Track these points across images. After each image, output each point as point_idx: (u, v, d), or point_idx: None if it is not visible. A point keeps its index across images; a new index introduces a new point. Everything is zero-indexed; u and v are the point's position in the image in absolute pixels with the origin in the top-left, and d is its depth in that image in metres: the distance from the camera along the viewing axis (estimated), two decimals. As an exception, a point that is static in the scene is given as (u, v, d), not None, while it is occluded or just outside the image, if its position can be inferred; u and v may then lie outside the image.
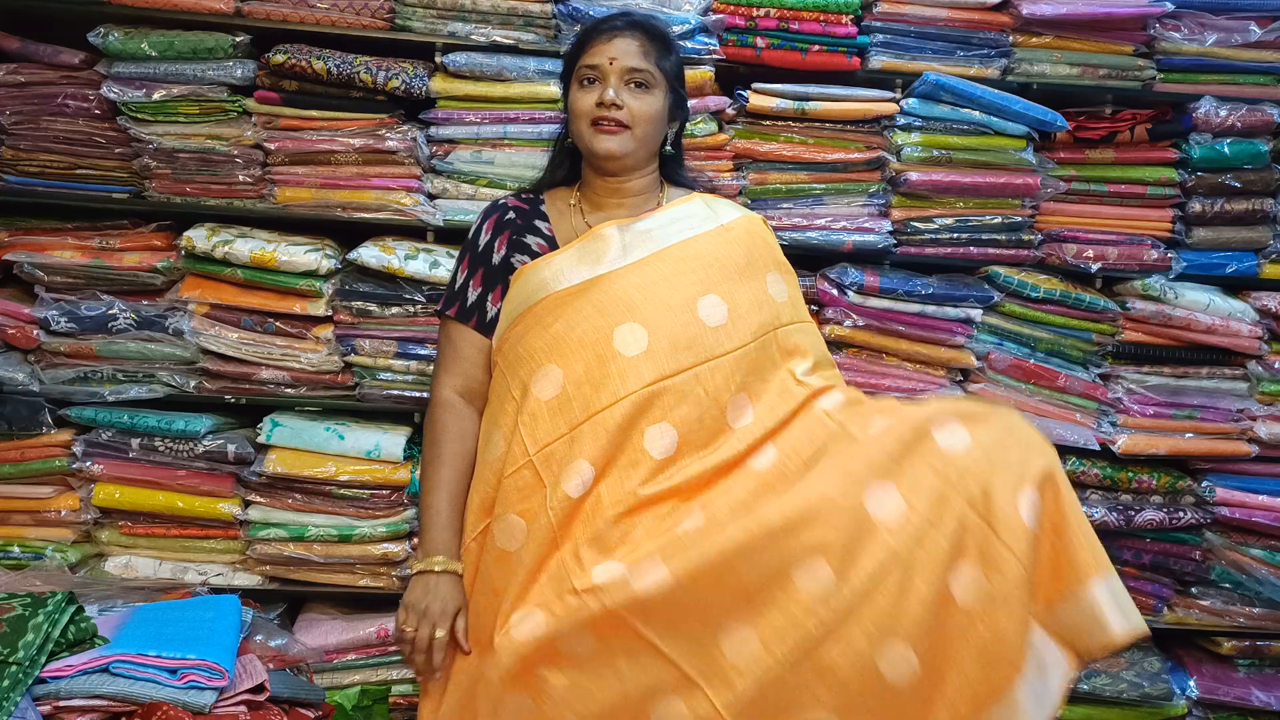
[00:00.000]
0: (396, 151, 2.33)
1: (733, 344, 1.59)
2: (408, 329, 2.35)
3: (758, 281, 1.68)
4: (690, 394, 1.56)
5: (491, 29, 2.34)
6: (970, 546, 1.39)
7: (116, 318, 2.34)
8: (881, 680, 1.38)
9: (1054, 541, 1.42)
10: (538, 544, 1.52)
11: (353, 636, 2.36)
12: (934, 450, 1.46)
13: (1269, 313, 2.45)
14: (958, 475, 1.42)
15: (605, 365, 1.58)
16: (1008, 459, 1.45)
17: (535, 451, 1.56)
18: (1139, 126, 2.44)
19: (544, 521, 1.52)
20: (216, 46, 2.28)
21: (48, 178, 2.34)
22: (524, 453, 1.57)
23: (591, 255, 1.67)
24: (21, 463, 2.34)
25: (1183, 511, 2.46)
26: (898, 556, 1.38)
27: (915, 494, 1.42)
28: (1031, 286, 2.40)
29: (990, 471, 1.43)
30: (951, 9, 2.40)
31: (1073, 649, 1.40)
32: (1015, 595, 1.37)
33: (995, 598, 1.37)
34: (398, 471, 2.33)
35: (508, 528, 1.56)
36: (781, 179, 2.42)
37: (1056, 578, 1.41)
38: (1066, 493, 1.46)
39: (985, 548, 1.39)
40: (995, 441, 1.47)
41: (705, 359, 1.57)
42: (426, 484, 1.66)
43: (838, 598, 1.38)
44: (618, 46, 1.69)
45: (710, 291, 1.63)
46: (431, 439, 1.70)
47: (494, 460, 1.62)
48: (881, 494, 1.43)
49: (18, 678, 1.53)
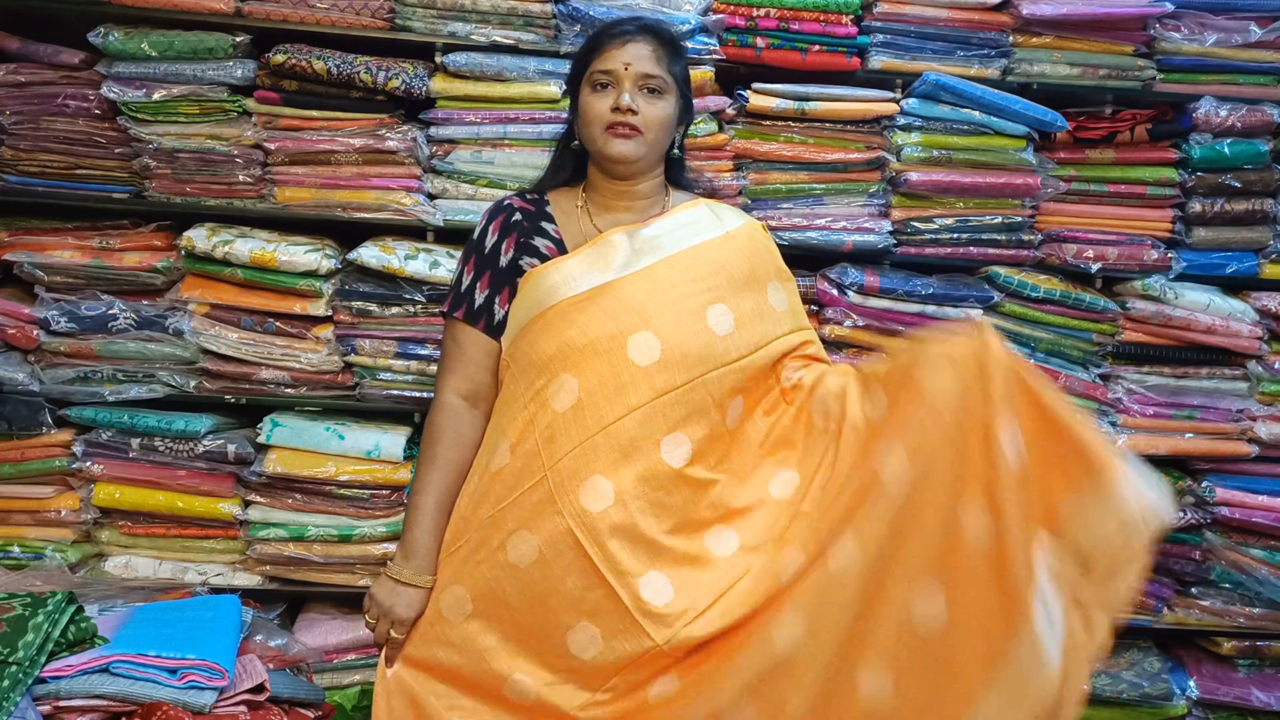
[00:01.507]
0: (396, 151, 2.33)
1: (738, 353, 1.62)
2: (408, 329, 2.35)
3: (759, 291, 1.70)
4: (699, 403, 1.58)
5: (491, 29, 2.34)
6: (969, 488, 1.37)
7: (116, 318, 2.34)
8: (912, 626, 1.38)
9: (1043, 457, 1.37)
10: (562, 566, 1.53)
11: (353, 636, 2.37)
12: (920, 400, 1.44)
13: (1269, 313, 2.45)
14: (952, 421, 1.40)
15: (619, 375, 1.58)
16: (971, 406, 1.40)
17: (551, 466, 1.56)
18: (1139, 126, 2.44)
19: (564, 534, 1.53)
20: (216, 46, 2.28)
21: (48, 178, 2.34)
22: (540, 467, 1.56)
23: (601, 261, 1.67)
24: (21, 463, 2.35)
25: (1183, 511, 2.46)
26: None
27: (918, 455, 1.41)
28: (1031, 287, 2.40)
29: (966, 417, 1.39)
30: (951, 9, 2.40)
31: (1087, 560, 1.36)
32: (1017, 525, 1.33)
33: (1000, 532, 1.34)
34: (398, 471, 2.33)
35: (520, 543, 1.56)
36: (781, 179, 2.42)
37: (1053, 489, 1.37)
38: (1046, 399, 1.39)
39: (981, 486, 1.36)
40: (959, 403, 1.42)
41: (715, 367, 1.59)
42: (418, 483, 1.67)
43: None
44: (631, 51, 1.70)
45: (719, 300, 1.64)
46: (429, 440, 1.70)
47: (500, 471, 1.60)
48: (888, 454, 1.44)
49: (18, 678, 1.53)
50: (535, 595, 1.55)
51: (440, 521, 1.64)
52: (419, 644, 1.62)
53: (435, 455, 1.67)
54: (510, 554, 1.56)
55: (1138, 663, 2.51)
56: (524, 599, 1.55)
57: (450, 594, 1.61)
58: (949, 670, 1.38)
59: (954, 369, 1.42)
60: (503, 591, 1.57)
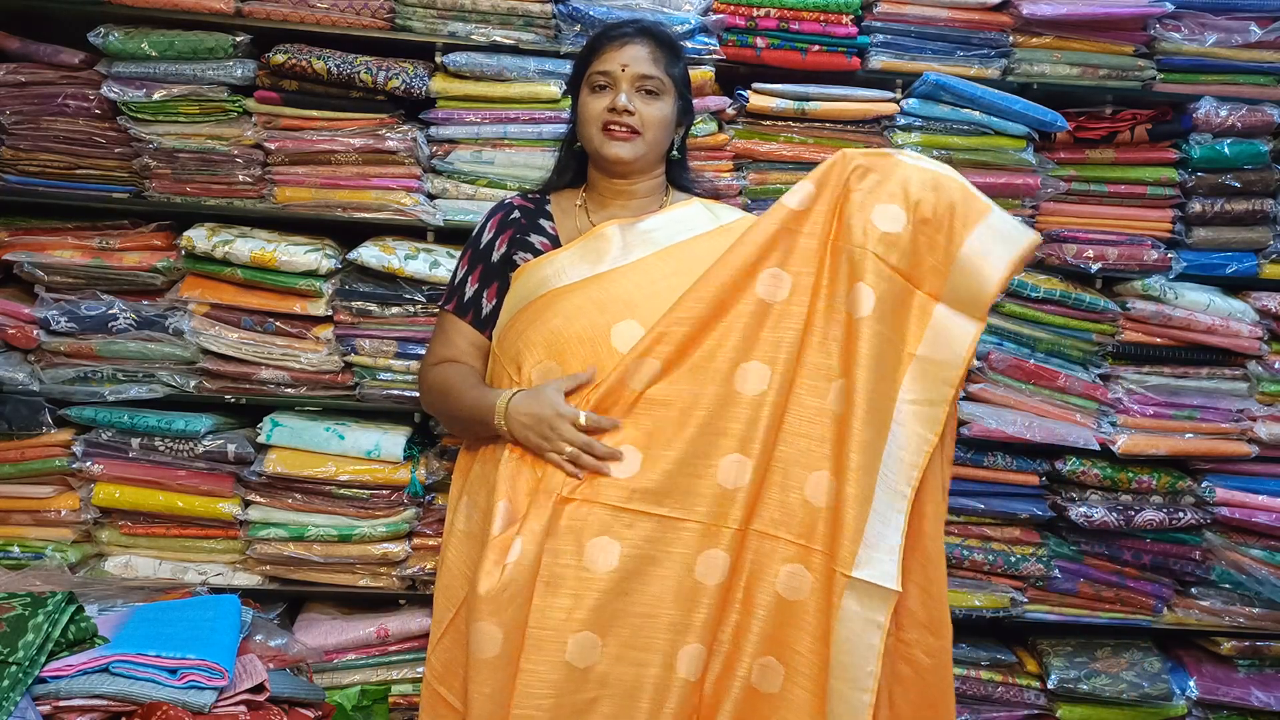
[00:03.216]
0: (396, 151, 2.33)
1: None
2: (408, 329, 2.35)
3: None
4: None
5: (491, 29, 2.34)
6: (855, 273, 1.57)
7: (116, 318, 2.34)
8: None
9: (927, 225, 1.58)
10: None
11: (353, 636, 2.36)
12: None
13: (1269, 313, 2.45)
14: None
15: (602, 363, 1.60)
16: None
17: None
18: (1139, 127, 2.44)
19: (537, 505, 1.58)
20: (216, 46, 2.28)
21: (48, 178, 2.34)
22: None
23: (593, 253, 1.68)
24: (21, 462, 2.35)
25: (1183, 512, 2.45)
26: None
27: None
28: (1031, 287, 2.40)
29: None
30: (951, 9, 2.40)
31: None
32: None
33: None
34: (398, 471, 2.33)
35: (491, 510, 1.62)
36: (782, 179, 2.42)
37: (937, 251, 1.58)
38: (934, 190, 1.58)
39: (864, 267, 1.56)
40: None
41: None
42: (459, 390, 1.71)
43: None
44: (629, 53, 1.71)
45: None
46: (443, 386, 1.74)
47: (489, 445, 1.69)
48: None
49: (18, 677, 1.53)
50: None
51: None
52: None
53: (462, 380, 1.73)
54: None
55: (1138, 663, 2.51)
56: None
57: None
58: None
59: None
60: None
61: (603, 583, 1.53)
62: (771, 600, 1.59)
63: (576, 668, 1.53)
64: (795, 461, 1.58)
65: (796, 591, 1.58)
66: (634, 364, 1.57)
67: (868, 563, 1.51)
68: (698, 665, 1.57)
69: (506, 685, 1.53)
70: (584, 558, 1.54)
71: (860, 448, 1.52)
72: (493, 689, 1.53)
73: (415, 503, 2.37)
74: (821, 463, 1.57)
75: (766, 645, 1.60)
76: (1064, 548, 2.49)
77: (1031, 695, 2.49)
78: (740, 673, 1.60)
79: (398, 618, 2.40)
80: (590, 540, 1.54)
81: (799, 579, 1.58)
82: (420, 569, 2.38)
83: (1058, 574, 2.45)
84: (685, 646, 1.57)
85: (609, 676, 1.54)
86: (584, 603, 1.53)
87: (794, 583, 1.58)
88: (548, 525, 1.54)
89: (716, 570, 1.57)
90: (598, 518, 1.55)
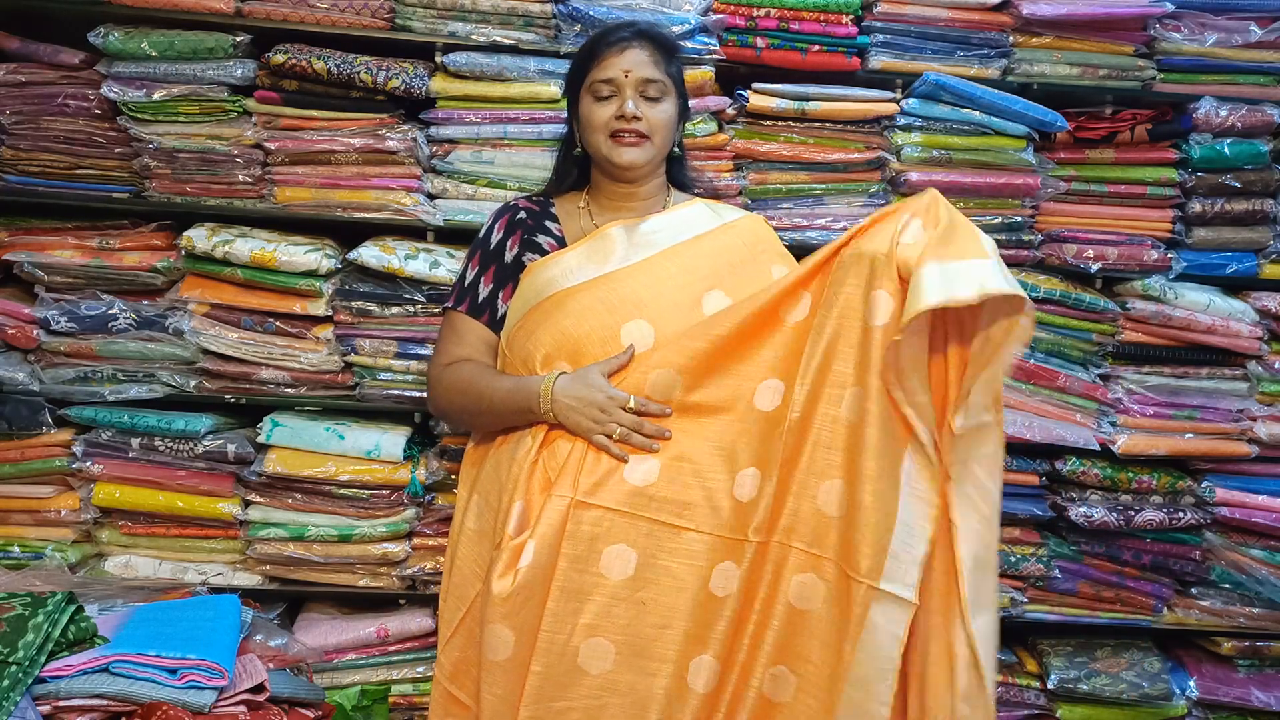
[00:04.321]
0: (396, 151, 2.33)
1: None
2: (408, 329, 2.35)
3: (762, 272, 1.71)
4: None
5: (491, 29, 2.34)
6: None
7: (116, 317, 2.34)
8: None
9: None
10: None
11: (353, 636, 2.37)
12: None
13: (1269, 313, 2.44)
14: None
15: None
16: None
17: (540, 448, 1.62)
18: (1139, 127, 2.44)
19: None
20: (216, 46, 2.28)
21: (48, 177, 2.34)
22: (533, 447, 1.63)
23: (599, 254, 1.69)
24: (21, 462, 2.35)
25: (1183, 512, 2.45)
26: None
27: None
28: (1031, 287, 2.40)
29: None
30: (951, 9, 2.40)
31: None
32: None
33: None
34: (398, 471, 2.33)
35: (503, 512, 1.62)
36: (782, 179, 2.42)
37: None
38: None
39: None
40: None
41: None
42: (486, 382, 1.70)
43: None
44: (630, 58, 1.71)
45: (715, 287, 1.66)
46: (464, 382, 1.73)
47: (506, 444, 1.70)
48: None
49: (18, 677, 1.53)
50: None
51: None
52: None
53: (483, 373, 1.73)
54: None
55: (1138, 663, 2.51)
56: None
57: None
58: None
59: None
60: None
61: (617, 590, 1.54)
62: (785, 610, 1.59)
63: (588, 673, 1.53)
64: (809, 470, 1.57)
65: (808, 600, 1.57)
66: (655, 375, 1.59)
67: (894, 574, 1.49)
68: (709, 676, 1.58)
69: (517, 686, 1.54)
70: (600, 564, 1.54)
71: (877, 454, 1.50)
72: (504, 690, 1.55)
73: (415, 503, 2.37)
74: (834, 471, 1.55)
75: (779, 655, 1.59)
76: (1064, 548, 2.49)
77: (1031, 695, 2.49)
78: (754, 683, 1.60)
79: (398, 618, 2.40)
80: (607, 548, 1.55)
81: (810, 588, 1.57)
82: (420, 569, 2.38)
83: (1058, 574, 2.45)
84: (697, 658, 1.57)
85: (619, 683, 1.54)
86: (598, 609, 1.53)
87: (805, 592, 1.57)
88: (564, 529, 1.54)
89: (731, 583, 1.57)
90: (615, 525, 1.55)
